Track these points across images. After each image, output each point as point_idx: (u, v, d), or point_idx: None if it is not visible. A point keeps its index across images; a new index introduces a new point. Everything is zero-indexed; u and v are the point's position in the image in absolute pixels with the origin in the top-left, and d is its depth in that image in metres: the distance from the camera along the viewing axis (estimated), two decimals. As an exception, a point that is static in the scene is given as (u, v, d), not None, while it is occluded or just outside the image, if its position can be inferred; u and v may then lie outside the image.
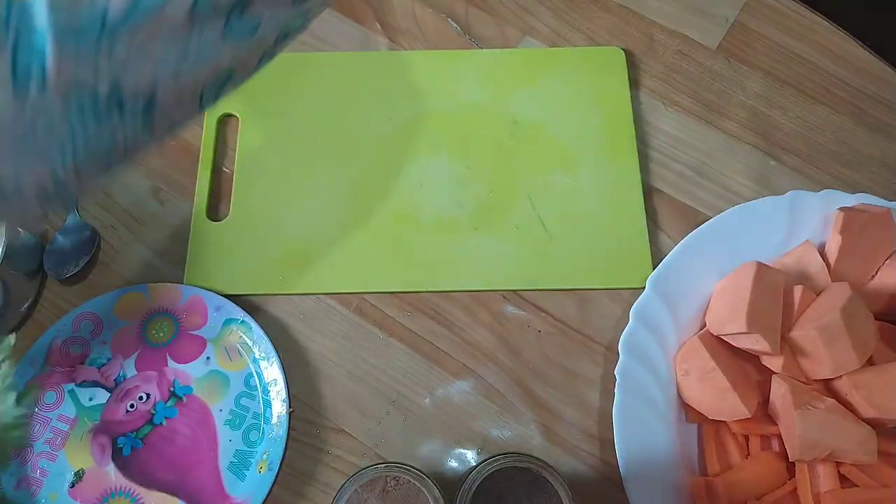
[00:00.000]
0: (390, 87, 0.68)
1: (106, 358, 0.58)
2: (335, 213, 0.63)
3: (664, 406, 0.54)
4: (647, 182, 0.65)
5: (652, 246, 0.62)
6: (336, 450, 0.56)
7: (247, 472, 0.55)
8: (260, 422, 0.56)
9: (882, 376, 0.51)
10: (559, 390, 0.58)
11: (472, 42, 0.71)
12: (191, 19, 0.31)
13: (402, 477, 0.45)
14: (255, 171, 0.65)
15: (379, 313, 0.60)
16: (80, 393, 0.57)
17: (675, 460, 0.52)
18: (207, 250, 0.62)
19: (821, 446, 0.49)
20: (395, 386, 0.58)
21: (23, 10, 0.28)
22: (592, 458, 0.56)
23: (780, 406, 0.51)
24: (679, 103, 0.68)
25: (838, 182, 0.65)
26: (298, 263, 0.61)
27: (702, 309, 0.57)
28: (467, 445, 0.56)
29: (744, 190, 0.65)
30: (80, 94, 0.31)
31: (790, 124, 0.67)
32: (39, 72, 0.29)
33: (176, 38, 0.32)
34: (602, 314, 0.60)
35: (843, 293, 0.51)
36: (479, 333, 0.60)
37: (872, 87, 0.69)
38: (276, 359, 0.57)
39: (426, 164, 0.64)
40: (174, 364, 0.58)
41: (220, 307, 0.59)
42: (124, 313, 0.59)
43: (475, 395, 0.57)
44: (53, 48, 0.29)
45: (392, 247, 0.62)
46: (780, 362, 0.51)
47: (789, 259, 0.57)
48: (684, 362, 0.54)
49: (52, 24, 0.28)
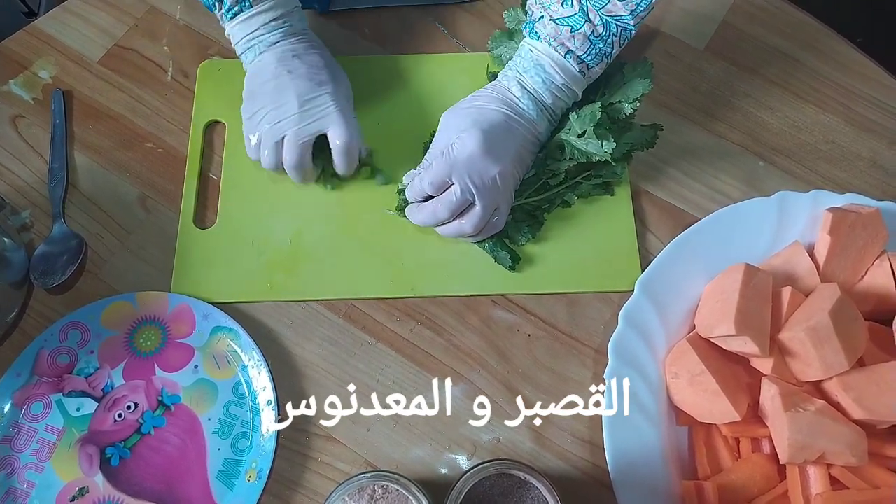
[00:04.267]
0: (378, 91, 0.68)
1: (93, 367, 0.58)
2: (323, 219, 0.63)
3: (654, 410, 0.54)
4: (636, 183, 0.65)
5: (641, 248, 0.62)
6: (325, 457, 0.56)
7: (236, 480, 0.54)
8: (249, 430, 0.56)
9: (872, 378, 0.51)
10: (549, 394, 0.57)
11: (459, 46, 0.71)
12: None
13: (391, 486, 0.45)
14: (241, 178, 0.64)
15: (368, 319, 0.60)
16: (67, 403, 0.57)
17: (665, 464, 0.52)
18: (194, 258, 0.61)
19: (811, 448, 0.48)
20: (385, 391, 0.57)
21: None
22: (583, 462, 0.55)
23: (770, 408, 0.51)
24: (667, 104, 0.68)
25: (827, 182, 0.65)
26: (286, 270, 0.61)
27: (691, 311, 0.56)
28: (458, 451, 0.56)
29: (732, 191, 0.64)
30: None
31: (778, 124, 0.67)
32: None
33: None
34: (591, 317, 0.60)
35: (833, 294, 0.51)
36: (468, 338, 0.59)
37: (861, 86, 0.69)
38: (264, 366, 0.57)
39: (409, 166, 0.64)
40: (162, 373, 0.58)
41: (207, 315, 0.59)
42: (111, 322, 0.59)
43: (465, 400, 0.57)
44: None
45: (381, 252, 0.62)
46: (769, 364, 0.51)
47: (778, 260, 0.57)
48: (674, 365, 0.54)
49: None
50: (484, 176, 0.55)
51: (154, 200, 0.64)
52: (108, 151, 0.66)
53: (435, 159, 0.57)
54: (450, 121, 0.58)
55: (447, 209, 0.56)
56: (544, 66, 0.57)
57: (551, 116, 0.59)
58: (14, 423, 0.56)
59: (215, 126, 0.67)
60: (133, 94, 0.68)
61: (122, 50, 0.70)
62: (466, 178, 0.55)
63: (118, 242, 0.63)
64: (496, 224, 0.59)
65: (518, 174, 0.59)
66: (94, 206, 0.64)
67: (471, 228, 0.57)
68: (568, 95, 0.58)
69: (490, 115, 0.56)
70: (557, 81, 0.57)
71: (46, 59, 0.70)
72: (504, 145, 0.56)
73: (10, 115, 0.67)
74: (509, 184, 0.57)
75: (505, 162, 0.56)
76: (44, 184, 0.64)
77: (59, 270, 0.60)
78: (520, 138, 0.57)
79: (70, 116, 0.67)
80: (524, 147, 0.58)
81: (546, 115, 0.59)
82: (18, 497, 0.54)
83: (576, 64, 0.56)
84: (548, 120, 0.59)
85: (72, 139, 0.66)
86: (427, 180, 0.56)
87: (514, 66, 0.59)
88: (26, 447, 0.55)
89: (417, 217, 0.59)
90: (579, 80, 0.58)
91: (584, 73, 0.58)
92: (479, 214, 0.56)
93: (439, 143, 0.58)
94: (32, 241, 0.63)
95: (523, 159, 0.58)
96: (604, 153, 0.57)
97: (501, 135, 0.56)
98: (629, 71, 0.60)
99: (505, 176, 0.56)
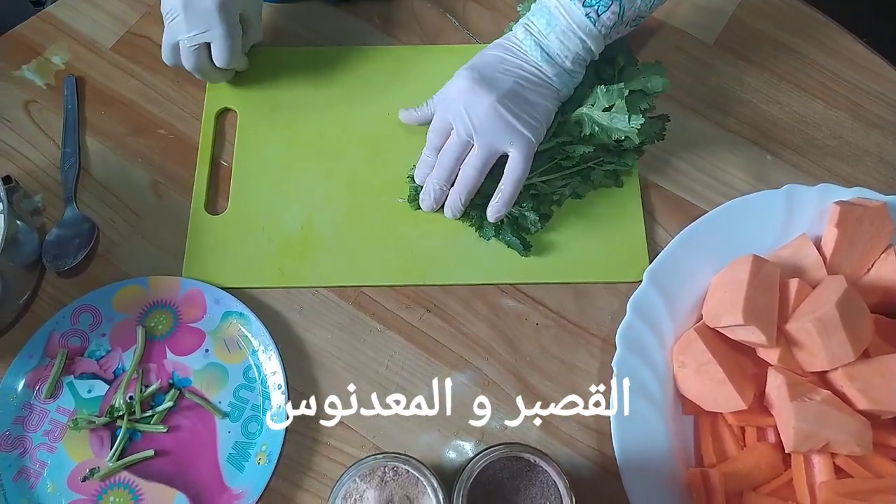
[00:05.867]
0: (388, 81, 0.68)
1: (105, 350, 0.58)
2: (333, 206, 0.63)
3: (661, 398, 0.54)
4: (645, 176, 0.65)
5: (649, 240, 0.62)
6: (335, 441, 0.56)
7: (246, 463, 0.55)
8: (259, 413, 0.56)
9: (877, 369, 0.51)
10: (556, 382, 0.58)
11: (470, 37, 0.71)
12: None
13: (401, 467, 0.46)
14: (253, 165, 0.65)
15: (377, 306, 0.60)
16: (78, 385, 0.57)
17: (671, 451, 0.53)
18: (206, 244, 0.62)
19: (816, 438, 0.49)
20: (394, 378, 0.58)
21: None
22: (590, 450, 0.56)
23: (775, 398, 0.51)
24: (676, 97, 0.68)
25: (834, 177, 0.65)
26: (296, 257, 0.61)
27: (698, 302, 0.57)
28: (465, 437, 0.56)
29: (740, 184, 0.65)
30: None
31: (786, 119, 0.68)
32: None
33: None
34: (599, 307, 0.60)
35: (839, 286, 0.52)
36: (476, 326, 0.60)
37: (869, 83, 0.69)
38: (274, 351, 0.57)
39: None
40: (173, 356, 0.58)
41: (219, 300, 0.59)
42: (123, 306, 0.59)
43: (473, 388, 0.58)
44: None
45: (390, 240, 0.62)
46: (776, 354, 0.52)
47: (785, 252, 0.57)
48: (681, 354, 0.54)
49: None
50: (477, 106, 0.54)
51: (166, 186, 0.65)
52: (120, 137, 0.66)
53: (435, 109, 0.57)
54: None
55: (450, 155, 0.56)
56: (549, 8, 0.56)
57: (561, 63, 0.57)
58: (26, 403, 0.56)
59: (227, 114, 0.68)
60: (145, 80, 0.69)
61: (134, 37, 0.71)
62: (460, 111, 0.54)
63: (130, 227, 0.63)
64: (517, 169, 0.56)
65: (531, 111, 0.56)
66: (106, 192, 0.64)
67: (471, 170, 0.56)
68: (576, 44, 0.56)
69: (481, 57, 0.57)
70: (562, 24, 0.55)
71: (59, 46, 0.70)
72: (496, 77, 0.55)
73: (23, 101, 0.68)
74: (513, 118, 0.55)
75: (499, 92, 0.54)
76: (56, 168, 0.65)
77: (71, 254, 0.60)
78: (515, 75, 0.56)
79: (82, 102, 0.68)
80: (524, 84, 0.56)
81: (554, 61, 0.57)
82: (31, 476, 0.55)
83: (581, 6, 0.55)
84: (559, 66, 0.57)
85: (84, 125, 0.67)
86: (430, 132, 0.56)
87: (524, 17, 0.59)
88: (38, 428, 0.56)
89: (428, 182, 0.59)
90: (586, 26, 0.55)
91: (594, 20, 0.55)
92: (477, 154, 0.55)
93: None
94: (44, 224, 0.63)
95: (527, 98, 0.56)
96: (630, 128, 0.57)
97: (494, 67, 0.55)
98: (644, 68, 0.61)
99: (501, 107, 0.54)
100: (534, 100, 0.57)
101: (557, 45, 0.56)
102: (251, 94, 0.67)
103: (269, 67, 0.69)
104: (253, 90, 0.68)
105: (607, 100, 0.58)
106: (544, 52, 0.56)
